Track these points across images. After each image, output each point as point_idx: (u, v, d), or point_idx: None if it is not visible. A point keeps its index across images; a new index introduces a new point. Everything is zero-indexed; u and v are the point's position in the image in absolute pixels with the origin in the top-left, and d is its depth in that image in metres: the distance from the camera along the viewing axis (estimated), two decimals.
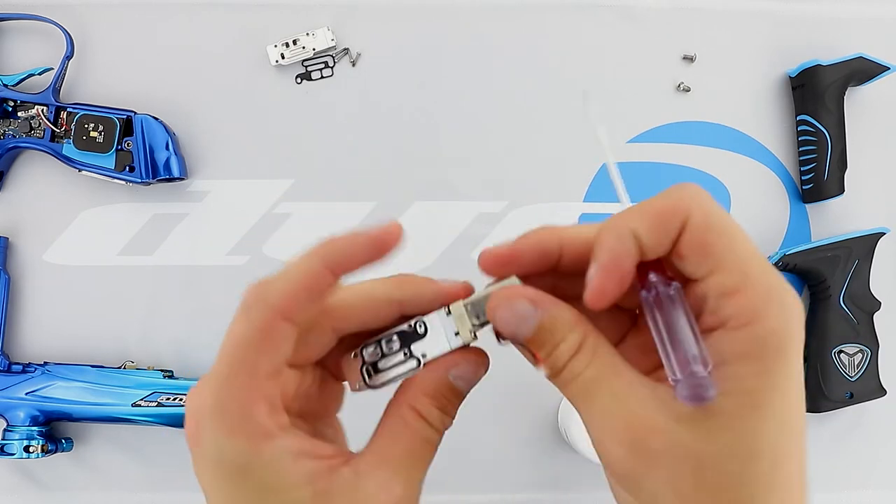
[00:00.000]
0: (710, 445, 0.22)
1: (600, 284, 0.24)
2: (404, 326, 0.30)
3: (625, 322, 0.29)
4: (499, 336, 0.28)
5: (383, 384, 0.30)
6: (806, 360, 0.66)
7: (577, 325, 0.26)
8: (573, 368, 0.25)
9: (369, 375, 0.30)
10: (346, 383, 0.32)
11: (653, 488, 0.23)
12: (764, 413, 0.22)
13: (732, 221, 0.25)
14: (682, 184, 0.25)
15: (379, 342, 0.30)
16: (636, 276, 0.25)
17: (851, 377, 0.65)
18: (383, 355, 0.30)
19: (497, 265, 0.28)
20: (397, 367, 0.30)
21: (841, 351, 0.65)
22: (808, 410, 0.66)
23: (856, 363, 0.65)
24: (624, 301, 0.26)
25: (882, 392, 0.66)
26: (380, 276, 0.30)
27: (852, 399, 0.65)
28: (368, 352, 0.30)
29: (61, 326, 0.65)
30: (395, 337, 0.30)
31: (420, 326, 0.29)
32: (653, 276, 0.25)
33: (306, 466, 0.26)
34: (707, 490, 0.22)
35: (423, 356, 0.29)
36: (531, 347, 0.26)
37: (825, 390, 0.64)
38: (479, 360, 0.29)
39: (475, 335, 0.29)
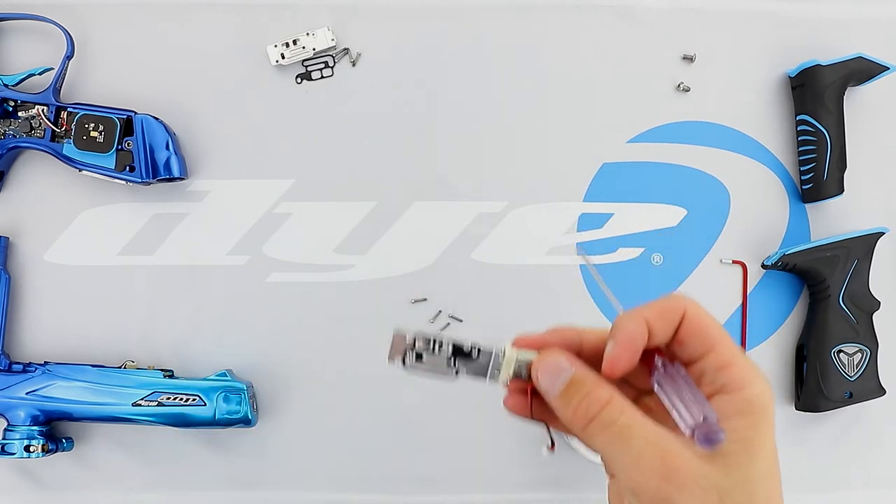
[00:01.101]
0: (726, 479, 0.29)
1: (616, 356, 0.31)
2: (464, 342, 0.34)
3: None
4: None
5: (415, 372, 0.34)
6: (805, 359, 0.66)
7: (605, 384, 0.32)
8: (608, 416, 0.31)
9: (410, 359, 0.34)
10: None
11: None
12: (758, 456, 0.30)
13: (714, 317, 0.32)
14: (676, 292, 0.33)
15: (435, 341, 0.33)
16: (645, 363, 0.32)
17: (851, 377, 0.65)
18: (432, 352, 0.33)
19: (528, 348, 0.34)
20: (437, 368, 0.33)
21: (840, 351, 0.65)
22: (808, 410, 0.66)
23: (855, 363, 0.65)
24: (633, 380, 0.34)
25: (881, 392, 0.66)
26: None
27: (852, 399, 0.65)
28: (422, 340, 0.33)
29: (62, 326, 0.65)
30: (450, 346, 0.33)
31: (475, 352, 0.34)
32: (659, 359, 0.32)
33: None
34: None
35: (462, 373, 0.34)
36: (565, 398, 0.32)
37: (825, 390, 0.64)
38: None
39: (506, 383, 0.34)
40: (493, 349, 0.33)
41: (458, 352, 0.33)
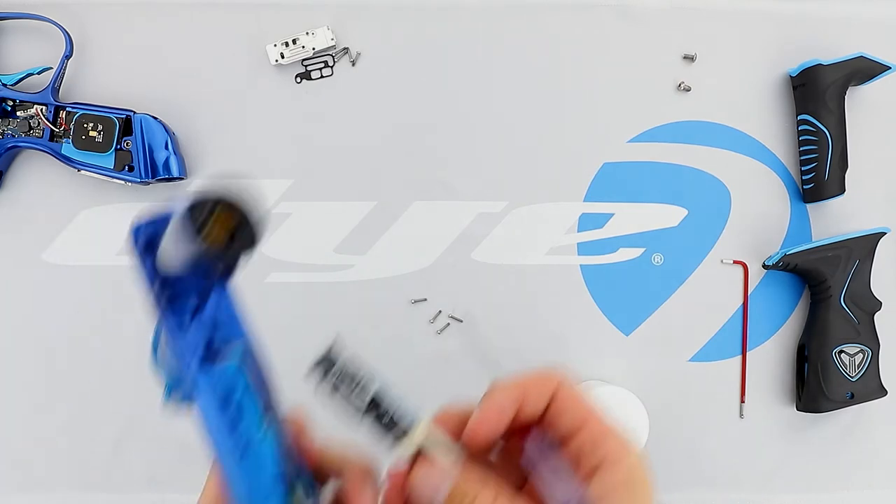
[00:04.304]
0: None
1: (480, 421, 0.31)
2: (388, 407, 0.31)
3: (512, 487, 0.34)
4: None
5: (324, 397, 0.31)
6: (807, 359, 0.66)
7: (486, 483, 0.31)
8: None
9: (329, 384, 0.31)
10: None
11: None
12: None
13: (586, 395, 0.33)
14: (552, 369, 0.33)
15: (359, 385, 0.31)
16: (520, 442, 0.32)
17: (852, 377, 0.65)
18: (350, 392, 0.31)
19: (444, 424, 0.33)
20: (347, 407, 0.31)
21: (842, 351, 0.65)
22: (809, 410, 0.66)
23: (856, 363, 0.65)
24: (511, 468, 0.33)
25: (883, 392, 0.65)
26: None
27: (853, 399, 0.65)
28: (345, 376, 0.31)
29: (60, 326, 0.65)
30: (369, 398, 0.31)
31: (387, 418, 0.31)
32: (531, 440, 0.32)
33: None
34: None
35: (366, 426, 0.31)
36: None
37: (826, 390, 0.64)
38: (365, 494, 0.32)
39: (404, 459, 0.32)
40: (405, 426, 0.31)
41: (375, 408, 0.31)
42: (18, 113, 0.62)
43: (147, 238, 0.28)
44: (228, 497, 0.30)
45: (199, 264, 0.26)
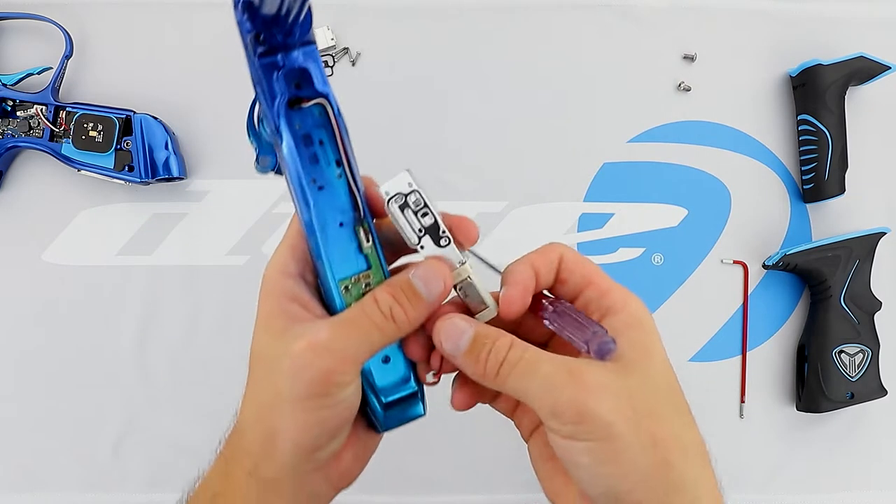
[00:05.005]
0: (632, 380, 0.32)
1: (511, 296, 0.34)
2: (442, 227, 0.35)
3: None
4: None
5: (391, 216, 0.35)
6: (807, 359, 0.66)
7: (504, 334, 0.34)
8: (514, 355, 0.33)
9: (396, 203, 0.35)
10: None
11: (606, 417, 0.31)
12: (654, 359, 0.33)
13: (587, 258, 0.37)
14: (553, 242, 0.37)
15: (427, 205, 0.35)
16: (536, 312, 0.36)
17: (852, 377, 0.65)
18: (415, 213, 0.35)
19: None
20: (407, 227, 0.35)
21: (841, 351, 0.65)
22: (809, 410, 0.66)
23: (856, 363, 0.65)
24: (530, 335, 0.37)
25: (883, 392, 0.65)
26: None
27: (853, 399, 0.65)
28: (417, 196, 0.35)
29: (60, 326, 0.65)
30: (434, 217, 0.35)
31: (445, 240, 0.35)
32: (545, 300, 0.36)
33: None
34: (642, 413, 0.31)
35: (422, 248, 0.35)
36: (472, 355, 0.34)
37: (826, 390, 0.64)
38: (439, 266, 0.35)
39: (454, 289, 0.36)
40: (455, 256, 0.35)
41: (434, 230, 0.35)
42: (18, 113, 0.62)
43: (244, 1, 0.32)
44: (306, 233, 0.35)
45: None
